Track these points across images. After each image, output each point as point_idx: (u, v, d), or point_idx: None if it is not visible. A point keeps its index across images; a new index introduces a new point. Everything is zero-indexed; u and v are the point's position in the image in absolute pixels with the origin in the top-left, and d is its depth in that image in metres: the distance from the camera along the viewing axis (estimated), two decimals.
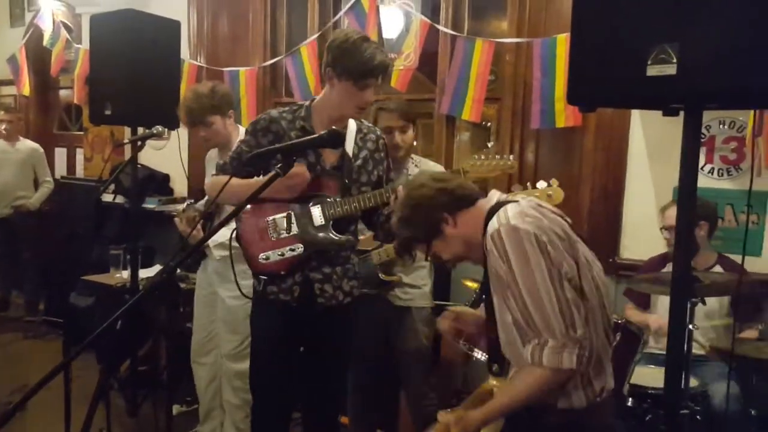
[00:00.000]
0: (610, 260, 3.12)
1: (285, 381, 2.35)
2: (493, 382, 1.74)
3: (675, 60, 1.26)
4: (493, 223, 1.58)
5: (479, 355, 2.21)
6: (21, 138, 5.37)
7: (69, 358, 1.64)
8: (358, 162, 2.28)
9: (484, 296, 1.75)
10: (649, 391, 2.50)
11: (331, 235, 2.22)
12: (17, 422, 1.48)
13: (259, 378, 2.41)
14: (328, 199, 2.22)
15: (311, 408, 2.48)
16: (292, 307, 2.26)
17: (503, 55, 3.52)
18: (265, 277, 2.27)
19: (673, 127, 1.47)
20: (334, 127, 1.86)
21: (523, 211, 1.58)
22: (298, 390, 2.41)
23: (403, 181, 2.28)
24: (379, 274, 2.72)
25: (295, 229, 2.21)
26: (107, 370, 3.32)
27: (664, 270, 2.77)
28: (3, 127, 5.17)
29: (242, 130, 2.99)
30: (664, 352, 2.60)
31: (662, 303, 2.83)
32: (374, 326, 2.76)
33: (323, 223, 2.22)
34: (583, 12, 1.40)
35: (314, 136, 1.88)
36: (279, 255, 2.23)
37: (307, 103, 2.31)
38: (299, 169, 2.12)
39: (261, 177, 2.24)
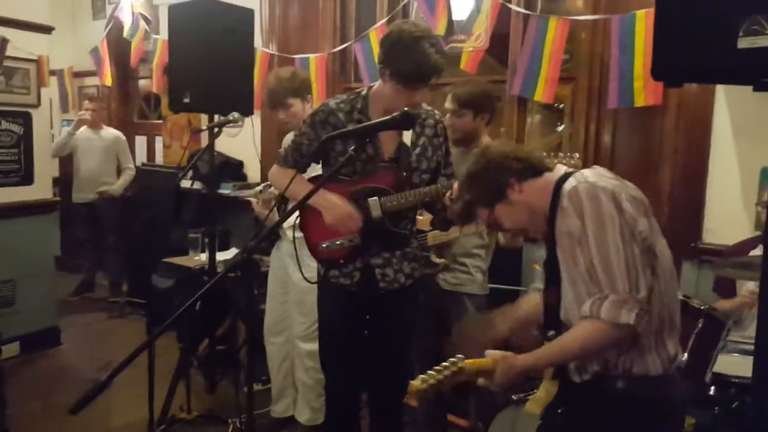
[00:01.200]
0: (692, 245, 3.00)
1: (352, 362, 2.41)
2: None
3: None
4: (570, 182, 1.57)
5: None
6: (104, 126, 5.59)
7: (152, 336, 1.72)
8: (417, 150, 2.28)
9: (547, 263, 1.69)
10: (733, 380, 2.40)
11: (387, 227, 2.26)
12: (103, 397, 1.56)
13: (328, 359, 2.49)
14: (386, 193, 2.23)
15: (377, 389, 2.52)
16: (354, 291, 2.31)
17: (578, 33, 3.42)
18: (325, 264, 2.34)
19: (761, 104, 1.40)
20: (406, 109, 1.86)
21: (601, 173, 1.60)
22: (366, 371, 2.45)
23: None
24: (432, 256, 2.72)
25: None
26: (187, 349, 3.44)
27: (753, 254, 2.64)
28: (88, 114, 5.41)
29: None
30: (748, 341, 2.53)
31: (747, 290, 2.70)
32: (428, 308, 2.76)
33: (380, 215, 2.24)
34: None
35: (387, 117, 1.88)
36: (338, 244, 2.29)
37: (364, 92, 2.30)
38: (356, 223, 2.20)
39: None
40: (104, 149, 5.47)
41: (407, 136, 2.27)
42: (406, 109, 1.86)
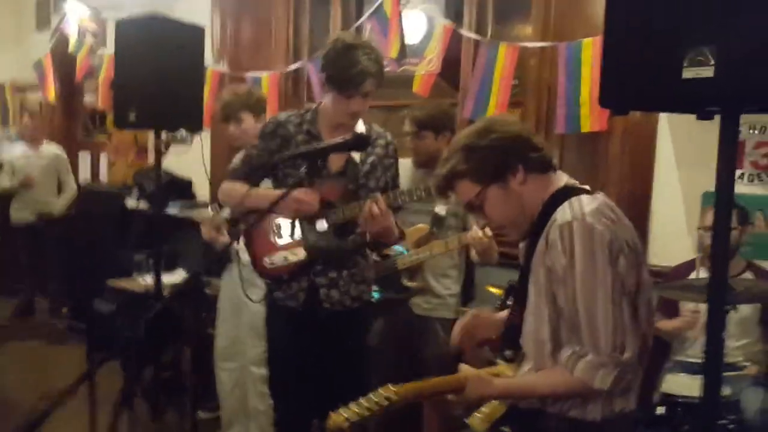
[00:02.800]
0: None
1: (301, 387, 2.35)
2: (501, 367, 1.63)
3: (712, 62, 1.23)
4: (565, 214, 1.42)
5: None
6: (45, 142, 5.40)
7: (93, 366, 1.64)
8: (366, 167, 2.27)
9: (521, 280, 1.59)
10: (679, 400, 2.45)
11: (333, 241, 2.21)
12: (42, 430, 1.48)
13: (276, 384, 2.44)
14: (332, 205, 2.21)
15: (326, 415, 2.46)
16: (299, 312, 2.26)
17: (527, 59, 3.48)
18: (269, 282, 2.29)
19: (703, 131, 1.44)
20: (361, 131, 1.85)
21: (600, 210, 1.43)
22: (316, 397, 2.39)
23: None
24: (402, 279, 2.70)
25: (298, 234, 2.20)
26: (131, 376, 3.32)
27: (691, 277, 2.72)
28: (28, 132, 5.22)
29: None
30: (693, 360, 2.59)
31: (688, 309, 2.77)
32: (396, 333, 2.74)
33: (326, 229, 2.20)
34: (615, 13, 1.37)
35: (340, 140, 1.88)
36: (282, 259, 2.23)
37: (314, 105, 2.32)
38: (312, 196, 2.12)
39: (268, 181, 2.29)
40: (44, 167, 5.28)
41: (356, 153, 2.25)
42: (360, 132, 1.86)
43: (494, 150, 1.48)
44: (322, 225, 2.20)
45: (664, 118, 3.05)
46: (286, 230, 2.22)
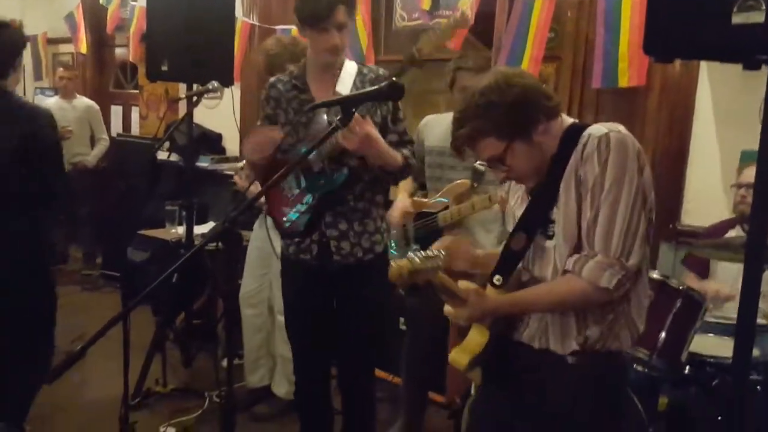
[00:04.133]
0: (671, 226, 3.02)
1: (317, 337, 2.37)
2: (488, 290, 1.59)
3: (763, 7, 1.18)
4: (599, 129, 1.46)
5: None
6: (78, 95, 5.46)
7: (127, 308, 1.67)
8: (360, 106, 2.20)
9: (530, 210, 1.59)
10: (708, 360, 2.43)
11: (330, 175, 2.17)
12: (77, 370, 1.53)
13: (293, 334, 2.46)
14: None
15: (343, 366, 2.48)
16: (313, 265, 2.26)
17: (564, 11, 3.39)
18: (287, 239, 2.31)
19: (745, 87, 1.39)
20: (394, 79, 1.82)
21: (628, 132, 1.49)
22: (333, 347, 2.42)
23: None
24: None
25: (303, 182, 2.20)
26: (163, 322, 3.40)
27: (728, 235, 2.67)
28: (63, 83, 5.27)
29: None
30: (722, 321, 2.56)
31: (723, 270, 2.73)
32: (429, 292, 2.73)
33: (321, 166, 2.17)
34: None
35: (374, 88, 1.84)
36: (297, 213, 2.22)
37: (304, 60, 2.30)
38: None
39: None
40: (77, 119, 5.33)
41: (344, 90, 2.18)
42: (393, 78, 1.82)
43: (516, 106, 1.48)
44: (317, 164, 2.18)
45: (704, 73, 2.96)
46: (292, 184, 2.22)
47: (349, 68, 2.22)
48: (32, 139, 2.47)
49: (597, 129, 1.47)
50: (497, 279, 1.58)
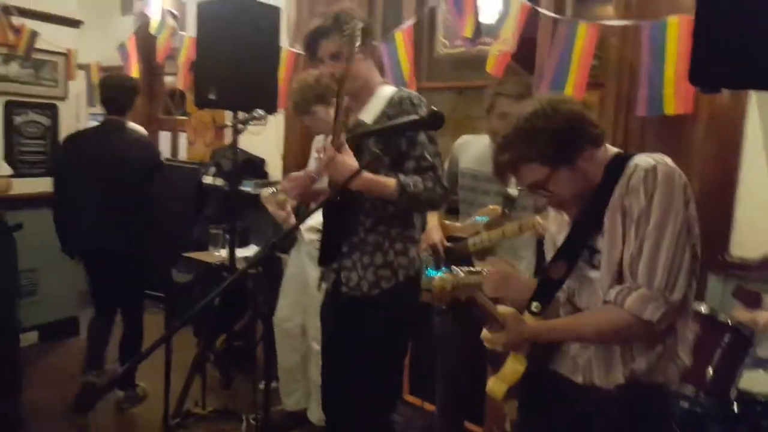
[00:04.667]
0: (720, 257, 2.93)
1: (338, 365, 2.34)
2: (526, 317, 1.58)
3: None
4: (646, 160, 1.45)
5: None
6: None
7: (170, 331, 1.72)
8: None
9: (571, 237, 1.58)
10: (758, 398, 2.34)
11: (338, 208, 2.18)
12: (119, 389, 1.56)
13: (321, 362, 2.47)
14: None
15: (346, 398, 2.36)
16: (329, 293, 2.28)
17: (608, 39, 3.37)
18: None
19: None
20: (433, 108, 1.83)
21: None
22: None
23: None
24: (474, 262, 2.66)
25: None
26: (204, 344, 3.45)
27: None
28: None
29: None
30: None
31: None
32: (466, 317, 2.71)
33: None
34: None
35: (415, 117, 1.86)
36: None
37: None
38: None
39: None
40: None
41: (369, 117, 2.15)
42: (433, 108, 1.84)
43: (562, 132, 1.47)
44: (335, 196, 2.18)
45: (753, 101, 2.89)
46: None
47: (382, 94, 2.17)
48: (148, 159, 3.50)
49: (644, 160, 1.46)
50: (535, 306, 1.56)
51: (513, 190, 2.60)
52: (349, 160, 1.97)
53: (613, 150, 1.58)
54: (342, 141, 1.98)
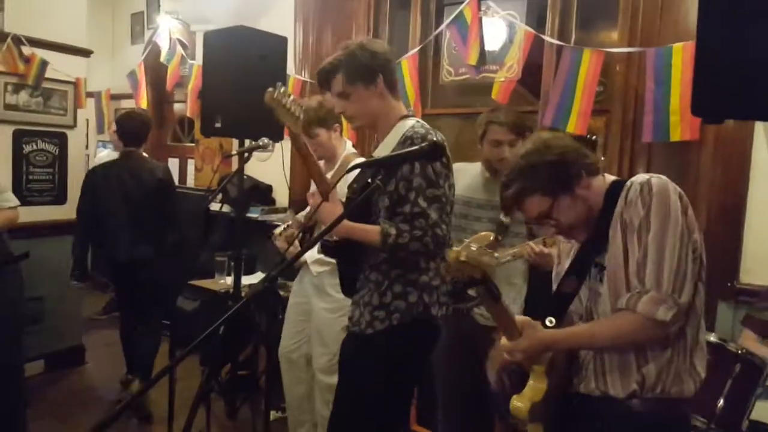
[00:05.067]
0: (729, 284, 2.90)
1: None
2: None
3: None
4: (641, 176, 1.56)
5: None
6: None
7: (173, 362, 1.69)
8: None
9: (580, 255, 1.68)
10: None
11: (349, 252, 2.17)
12: (124, 420, 1.54)
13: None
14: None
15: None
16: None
17: (613, 65, 3.38)
18: None
19: None
20: (435, 139, 1.83)
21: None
22: None
23: None
24: (467, 289, 2.64)
25: None
26: (209, 373, 3.42)
27: None
28: (116, 137, 5.50)
29: (348, 143, 3.04)
30: None
31: None
32: (460, 344, 2.68)
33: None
34: (710, 14, 1.29)
35: (414, 148, 1.85)
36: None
37: None
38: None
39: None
40: None
41: (382, 153, 2.14)
42: (434, 139, 1.83)
43: (558, 164, 1.59)
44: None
45: (760, 126, 2.88)
46: None
47: (399, 130, 2.13)
48: (162, 184, 3.93)
49: (639, 176, 1.57)
50: (549, 320, 1.62)
51: (506, 217, 2.60)
52: (334, 207, 2.02)
53: (611, 178, 1.68)
54: (328, 188, 2.02)
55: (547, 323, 1.60)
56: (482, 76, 3.85)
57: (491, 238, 2.59)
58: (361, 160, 2.89)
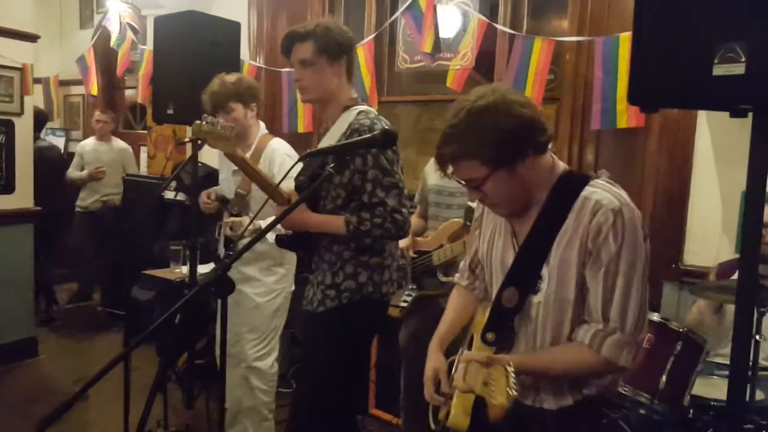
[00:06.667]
0: (674, 266, 3.01)
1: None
2: (481, 350, 1.55)
3: (743, 59, 1.20)
4: (609, 198, 1.43)
5: None
6: (114, 138, 5.65)
7: (128, 348, 1.69)
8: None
9: (519, 261, 1.54)
10: (712, 403, 2.40)
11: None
12: (78, 411, 1.53)
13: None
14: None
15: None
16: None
17: (563, 54, 3.45)
18: None
19: (743, 128, 1.40)
20: (387, 127, 1.85)
21: (621, 192, 1.48)
22: None
23: None
24: (439, 275, 2.69)
25: None
26: (166, 362, 3.40)
27: (734, 277, 2.66)
28: (99, 126, 5.46)
29: (262, 125, 2.95)
30: (725, 361, 2.53)
31: (730, 312, 2.71)
32: (429, 328, 2.72)
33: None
34: (645, 8, 1.34)
35: (367, 136, 1.87)
36: None
37: None
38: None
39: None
40: (112, 160, 5.51)
41: (328, 142, 2.17)
42: (386, 127, 1.85)
43: (509, 136, 1.42)
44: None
45: (702, 114, 2.99)
46: None
47: (345, 121, 2.15)
48: None
49: (607, 198, 1.44)
50: (490, 336, 1.55)
51: (473, 203, 2.64)
52: (300, 213, 2.05)
53: (560, 165, 1.55)
54: (282, 197, 2.06)
55: (488, 338, 1.54)
56: (437, 64, 3.89)
57: (460, 224, 2.66)
58: (280, 141, 2.91)
